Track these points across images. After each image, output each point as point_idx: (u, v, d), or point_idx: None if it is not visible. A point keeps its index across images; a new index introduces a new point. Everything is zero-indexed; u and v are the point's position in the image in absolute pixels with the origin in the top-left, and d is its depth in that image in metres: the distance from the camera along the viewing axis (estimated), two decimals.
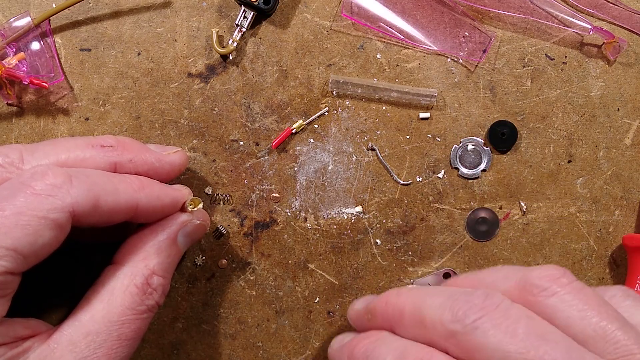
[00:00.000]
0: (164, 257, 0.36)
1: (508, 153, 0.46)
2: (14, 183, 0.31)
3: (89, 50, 0.46)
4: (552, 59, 0.46)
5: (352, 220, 0.46)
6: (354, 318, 0.36)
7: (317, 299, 0.47)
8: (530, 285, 0.28)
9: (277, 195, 0.46)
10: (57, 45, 0.46)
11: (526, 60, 0.46)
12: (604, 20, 0.46)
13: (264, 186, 0.46)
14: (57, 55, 0.46)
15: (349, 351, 0.32)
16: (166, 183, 0.39)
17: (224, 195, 0.46)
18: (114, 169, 0.36)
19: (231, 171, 0.46)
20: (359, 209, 0.46)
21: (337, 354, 0.34)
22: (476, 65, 0.46)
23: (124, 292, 0.34)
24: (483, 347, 0.25)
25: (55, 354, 0.32)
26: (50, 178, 0.31)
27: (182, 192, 0.39)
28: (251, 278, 0.47)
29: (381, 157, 0.45)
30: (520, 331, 0.25)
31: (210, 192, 0.46)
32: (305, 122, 0.46)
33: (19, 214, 0.29)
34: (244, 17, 0.45)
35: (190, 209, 0.39)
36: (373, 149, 0.46)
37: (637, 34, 0.46)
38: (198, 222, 0.39)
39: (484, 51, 0.46)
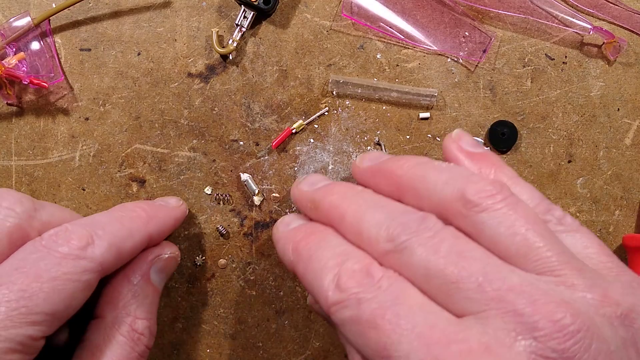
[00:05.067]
0: (141, 299, 0.36)
1: (508, 153, 0.46)
2: (38, 247, 0.32)
3: (89, 50, 0.46)
4: (552, 59, 0.46)
5: None
6: (297, 198, 0.36)
7: None
8: (465, 200, 0.28)
9: (277, 195, 0.46)
10: (57, 45, 0.46)
11: (526, 60, 0.46)
12: (604, 20, 0.46)
13: (264, 186, 0.46)
14: (57, 55, 0.46)
15: (294, 243, 0.33)
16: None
17: (224, 195, 0.46)
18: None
19: (231, 171, 0.46)
20: None
21: (281, 239, 0.35)
22: (476, 65, 0.46)
23: (113, 344, 0.34)
24: (409, 264, 0.28)
25: None
26: (74, 241, 0.32)
27: (180, 209, 0.41)
28: (251, 278, 0.47)
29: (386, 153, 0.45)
30: (442, 249, 0.27)
31: (210, 192, 0.46)
32: (305, 122, 0.46)
33: (54, 279, 0.30)
34: (244, 17, 0.45)
35: None
36: (379, 144, 0.46)
37: (637, 34, 0.46)
38: (167, 256, 0.39)
39: (484, 51, 0.46)
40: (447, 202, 0.29)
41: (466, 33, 0.46)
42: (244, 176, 0.46)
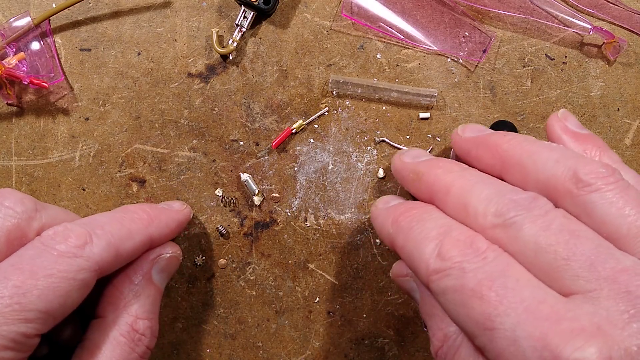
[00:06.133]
0: (143, 298, 0.36)
1: None
2: (35, 244, 0.31)
3: (89, 50, 0.46)
4: (552, 59, 0.46)
5: (352, 220, 0.46)
6: (399, 169, 0.36)
7: (317, 299, 0.47)
8: (577, 179, 0.28)
9: (277, 195, 0.46)
10: (57, 45, 0.46)
11: (526, 60, 0.46)
12: (604, 20, 0.46)
13: (264, 186, 0.46)
14: (57, 55, 0.46)
15: (394, 217, 0.32)
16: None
17: (231, 199, 0.46)
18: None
19: (231, 171, 0.46)
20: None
21: (381, 215, 0.35)
22: (476, 65, 0.46)
23: (112, 344, 0.34)
24: (516, 239, 0.27)
25: None
26: (72, 239, 0.32)
27: (184, 213, 0.41)
28: (251, 278, 0.47)
29: (393, 144, 0.45)
30: (553, 227, 0.27)
31: (221, 194, 0.46)
32: (305, 122, 0.46)
33: (49, 276, 0.30)
34: (244, 17, 0.45)
35: None
36: (383, 141, 0.46)
37: (637, 34, 0.46)
38: (169, 255, 0.39)
39: (484, 51, 0.46)
40: (557, 180, 0.29)
41: (466, 33, 0.46)
42: (244, 176, 0.46)
